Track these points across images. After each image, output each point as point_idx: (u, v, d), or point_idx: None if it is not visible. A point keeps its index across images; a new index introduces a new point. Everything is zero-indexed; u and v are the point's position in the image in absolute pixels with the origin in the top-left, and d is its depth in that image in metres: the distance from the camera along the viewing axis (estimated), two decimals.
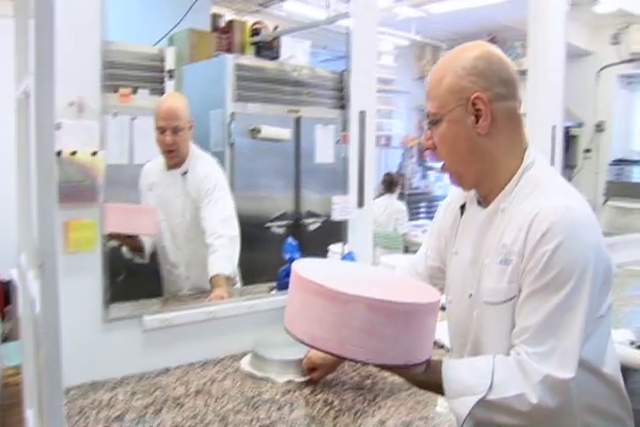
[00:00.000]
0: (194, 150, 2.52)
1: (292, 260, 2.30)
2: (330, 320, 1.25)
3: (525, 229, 1.21)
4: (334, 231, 2.46)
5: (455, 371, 1.26)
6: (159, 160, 2.55)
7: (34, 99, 1.03)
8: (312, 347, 1.32)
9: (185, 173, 2.47)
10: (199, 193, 2.46)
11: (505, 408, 1.19)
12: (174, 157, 2.46)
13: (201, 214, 2.44)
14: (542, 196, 1.24)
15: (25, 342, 1.64)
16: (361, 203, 2.42)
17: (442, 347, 1.99)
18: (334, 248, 2.47)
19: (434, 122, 1.33)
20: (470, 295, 1.36)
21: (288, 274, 2.26)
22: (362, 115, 2.41)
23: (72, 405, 1.65)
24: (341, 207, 2.31)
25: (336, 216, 2.32)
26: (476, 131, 1.29)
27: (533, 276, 1.20)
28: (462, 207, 1.45)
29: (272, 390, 1.78)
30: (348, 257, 2.18)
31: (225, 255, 2.37)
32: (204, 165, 2.53)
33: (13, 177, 1.74)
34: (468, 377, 1.23)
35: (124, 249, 2.40)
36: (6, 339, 3.83)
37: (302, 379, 1.82)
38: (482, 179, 1.34)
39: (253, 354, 1.94)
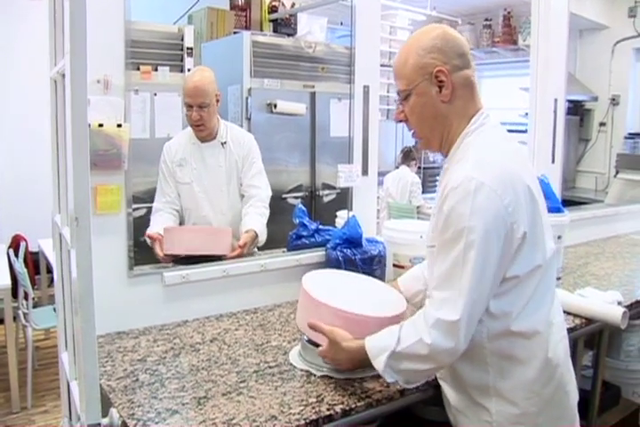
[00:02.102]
0: (223, 122, 2.68)
1: (301, 224, 2.48)
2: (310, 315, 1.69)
3: (440, 191, 1.45)
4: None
5: (373, 338, 1.51)
6: (183, 136, 2.68)
7: (69, 78, 1.21)
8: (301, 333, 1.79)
9: (224, 142, 2.64)
10: (244, 162, 2.66)
11: (411, 355, 1.43)
12: (203, 130, 2.59)
13: (248, 182, 2.66)
14: (461, 163, 1.44)
15: (60, 289, 1.84)
16: (365, 171, 2.58)
17: None
18: (341, 214, 2.65)
19: (404, 97, 1.54)
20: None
21: (297, 237, 2.48)
22: (366, 89, 2.56)
23: (100, 350, 1.86)
24: (346, 175, 2.48)
25: (341, 183, 2.49)
26: (439, 99, 1.50)
27: (438, 232, 1.43)
28: None
29: (280, 338, 1.98)
30: (352, 221, 2.35)
31: (260, 219, 2.59)
32: (243, 136, 2.72)
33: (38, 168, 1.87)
34: (381, 340, 1.49)
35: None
36: (36, 305, 4.07)
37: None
38: (443, 142, 1.56)
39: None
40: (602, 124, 6.42)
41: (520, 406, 1.47)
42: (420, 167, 6.72)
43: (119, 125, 1.95)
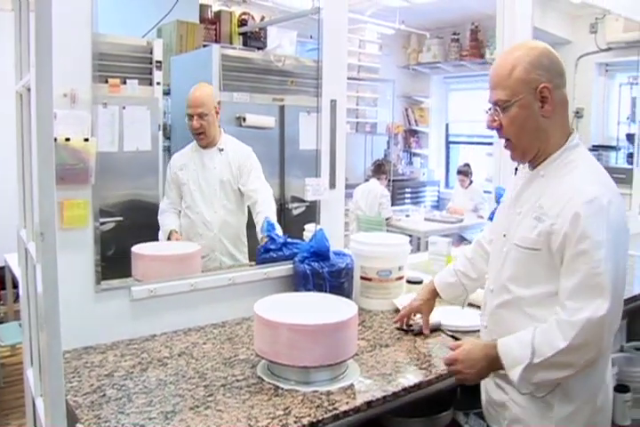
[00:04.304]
0: (225, 134, 2.90)
1: (270, 237, 2.49)
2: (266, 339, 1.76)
3: (563, 202, 1.53)
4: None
5: (505, 347, 1.58)
6: (189, 146, 2.89)
7: (34, 92, 1.21)
8: (261, 358, 1.80)
9: (221, 149, 2.85)
10: (242, 169, 2.84)
11: (548, 365, 1.50)
12: (204, 139, 2.82)
13: (250, 187, 2.83)
14: (580, 179, 1.55)
15: (26, 305, 1.83)
16: (333, 185, 2.61)
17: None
18: (309, 227, 2.66)
19: (504, 107, 1.61)
20: (504, 235, 1.71)
21: (266, 251, 2.48)
22: (333, 103, 2.60)
23: (67, 365, 1.84)
24: (314, 189, 2.50)
25: (309, 197, 2.51)
26: (541, 114, 1.59)
27: (572, 243, 1.50)
28: (516, 169, 1.82)
29: (248, 352, 1.98)
30: (319, 234, 2.36)
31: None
32: (242, 147, 2.92)
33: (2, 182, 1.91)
34: (514, 350, 1.56)
35: None
36: (1, 321, 4.01)
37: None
38: (539, 155, 1.65)
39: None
40: None
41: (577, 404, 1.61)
42: (389, 180, 6.78)
43: (86, 139, 1.94)
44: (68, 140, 1.90)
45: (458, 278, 2.06)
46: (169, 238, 2.74)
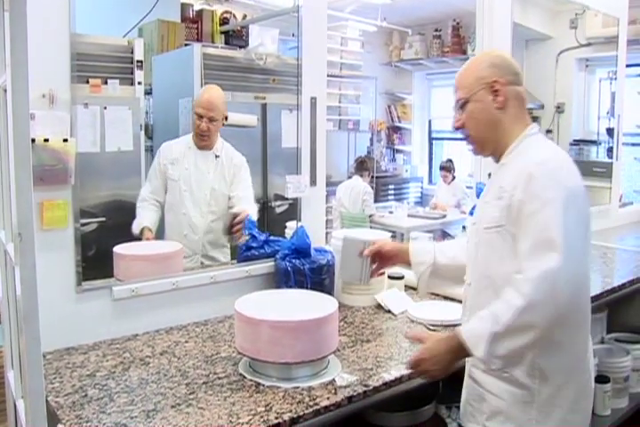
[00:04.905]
0: (221, 139, 2.87)
1: (251, 235, 2.51)
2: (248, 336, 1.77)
3: (518, 172, 1.60)
4: None
5: (467, 331, 1.58)
6: (183, 140, 2.87)
7: (10, 94, 1.21)
8: (242, 355, 1.81)
9: (217, 156, 2.82)
10: (235, 179, 2.84)
11: (513, 331, 1.49)
12: (206, 140, 2.80)
13: (239, 193, 2.84)
14: (531, 153, 1.66)
15: (6, 307, 1.83)
16: (313, 182, 2.63)
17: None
18: (290, 225, 2.68)
19: (462, 104, 1.74)
20: (474, 224, 1.79)
21: (247, 249, 2.49)
22: (313, 100, 2.61)
23: (48, 366, 1.85)
24: (295, 186, 2.52)
25: (290, 194, 2.53)
26: (494, 106, 1.71)
27: (524, 207, 1.55)
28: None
29: (229, 350, 1.99)
30: (300, 231, 2.38)
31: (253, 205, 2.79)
32: (237, 156, 2.92)
33: None
34: (476, 328, 1.56)
35: None
36: None
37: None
38: (497, 146, 1.75)
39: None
40: (548, 131, 6.56)
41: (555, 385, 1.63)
42: (372, 177, 6.79)
43: (65, 140, 1.94)
44: (46, 140, 1.90)
45: (433, 246, 2.05)
46: (141, 235, 2.66)
